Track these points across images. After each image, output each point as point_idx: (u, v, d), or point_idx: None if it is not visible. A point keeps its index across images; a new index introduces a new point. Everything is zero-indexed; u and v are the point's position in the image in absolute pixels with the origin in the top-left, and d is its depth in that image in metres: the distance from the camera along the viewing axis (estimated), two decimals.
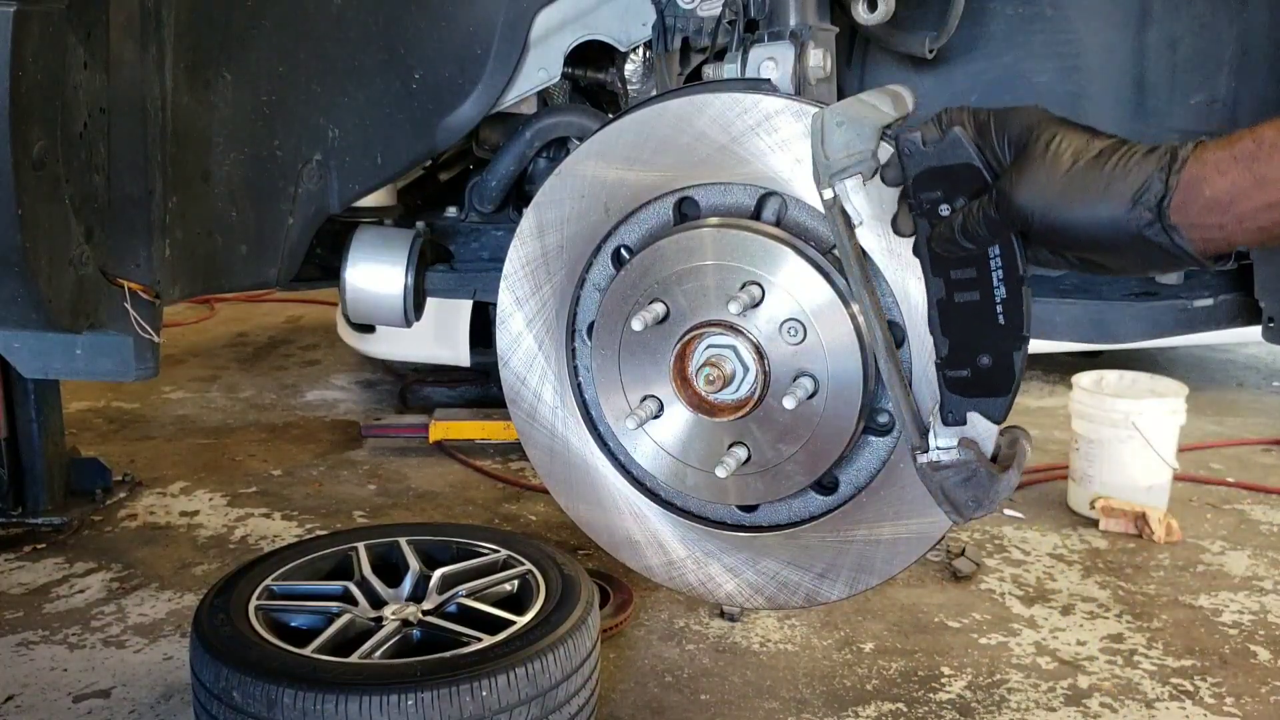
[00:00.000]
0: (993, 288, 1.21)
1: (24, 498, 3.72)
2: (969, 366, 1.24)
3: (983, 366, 1.24)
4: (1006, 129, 1.14)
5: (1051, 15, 1.73)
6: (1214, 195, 1.00)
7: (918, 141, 1.19)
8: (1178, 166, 1.01)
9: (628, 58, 1.92)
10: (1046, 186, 1.08)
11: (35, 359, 1.60)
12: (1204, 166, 1.00)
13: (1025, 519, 3.97)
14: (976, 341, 1.23)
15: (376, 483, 4.30)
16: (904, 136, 1.20)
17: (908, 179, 1.21)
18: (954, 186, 1.19)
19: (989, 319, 1.22)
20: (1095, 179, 1.05)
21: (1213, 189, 1.00)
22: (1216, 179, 1.00)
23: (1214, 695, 2.84)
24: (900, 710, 2.74)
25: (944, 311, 1.24)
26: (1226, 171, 0.99)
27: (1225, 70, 1.72)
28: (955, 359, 1.25)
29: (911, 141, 1.19)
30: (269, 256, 1.84)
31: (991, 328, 1.22)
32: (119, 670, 2.89)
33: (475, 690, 2.15)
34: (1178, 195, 1.01)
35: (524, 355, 1.58)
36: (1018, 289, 1.20)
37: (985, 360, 1.24)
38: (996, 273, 1.20)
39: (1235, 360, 6.31)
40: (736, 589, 1.54)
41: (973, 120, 1.17)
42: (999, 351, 1.23)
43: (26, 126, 1.35)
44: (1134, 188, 1.03)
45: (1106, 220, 1.05)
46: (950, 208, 1.19)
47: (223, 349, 6.42)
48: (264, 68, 1.74)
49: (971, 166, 1.17)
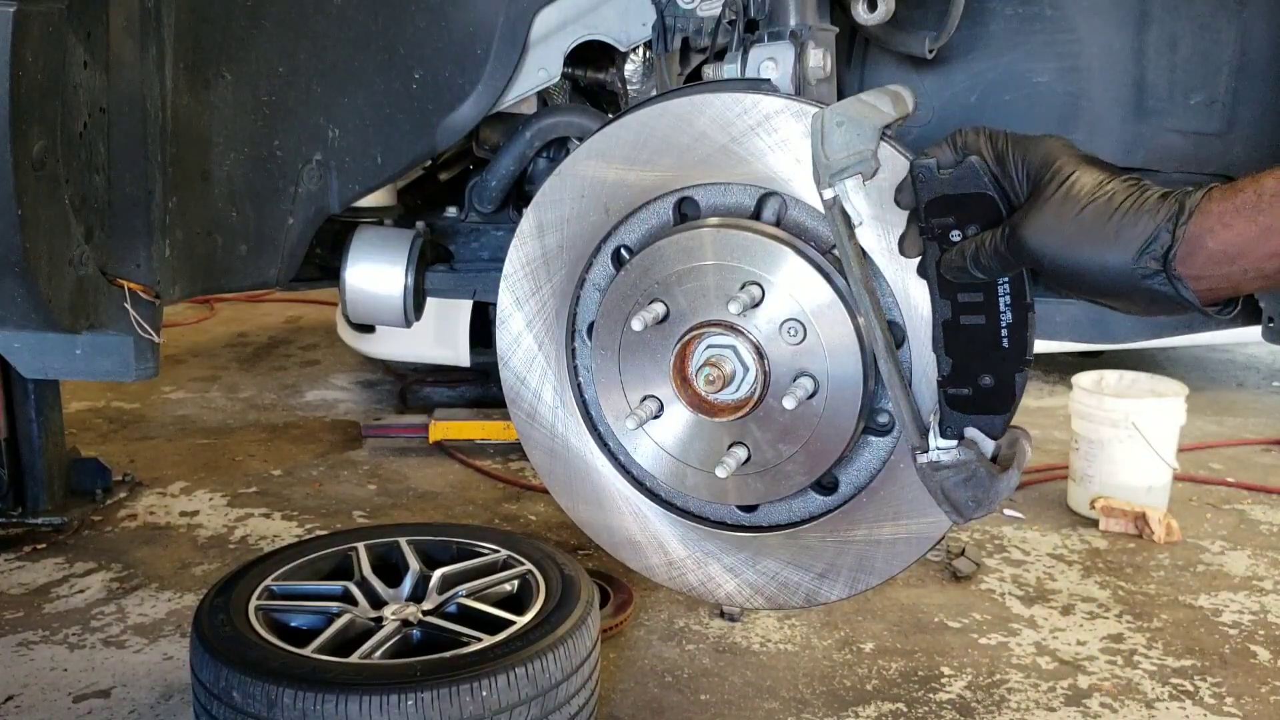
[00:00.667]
0: (999, 313, 1.22)
1: (24, 498, 3.72)
2: (970, 385, 1.25)
3: (984, 386, 1.25)
4: (1026, 161, 1.15)
5: (1051, 15, 1.73)
6: (1218, 248, 1.01)
7: (932, 168, 1.19)
8: (1184, 219, 1.02)
9: (628, 58, 1.92)
10: (1057, 230, 1.09)
11: (35, 359, 1.60)
12: (1209, 219, 1.01)
13: (1025, 519, 3.97)
14: (980, 362, 1.24)
15: (376, 483, 4.30)
16: (918, 162, 1.20)
17: (920, 204, 1.21)
18: (967, 214, 1.19)
19: (993, 343, 1.23)
20: (1105, 227, 1.06)
21: (1217, 241, 1.01)
22: (1221, 231, 1.01)
23: (1214, 695, 2.84)
24: (900, 710, 2.74)
25: (949, 332, 1.24)
26: (1231, 224, 1.01)
27: (1225, 70, 1.71)
28: (957, 378, 1.25)
29: (926, 168, 1.19)
30: (269, 256, 1.84)
31: (995, 351, 1.23)
32: (119, 670, 2.89)
33: (475, 690, 2.15)
34: (1183, 247, 1.02)
35: (524, 355, 1.58)
36: (1024, 316, 1.21)
37: (987, 380, 1.24)
38: (1004, 298, 1.21)
39: (1235, 360, 6.31)
40: (736, 589, 1.54)
41: (990, 146, 1.17)
42: (1001, 373, 1.24)
43: (26, 126, 1.35)
44: (1141, 239, 1.04)
45: (1114, 268, 1.06)
46: (962, 234, 1.19)
47: (223, 349, 6.43)
48: (264, 68, 1.74)
49: (986, 196, 1.18)
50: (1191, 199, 1.03)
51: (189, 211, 1.68)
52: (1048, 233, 1.10)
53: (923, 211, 1.21)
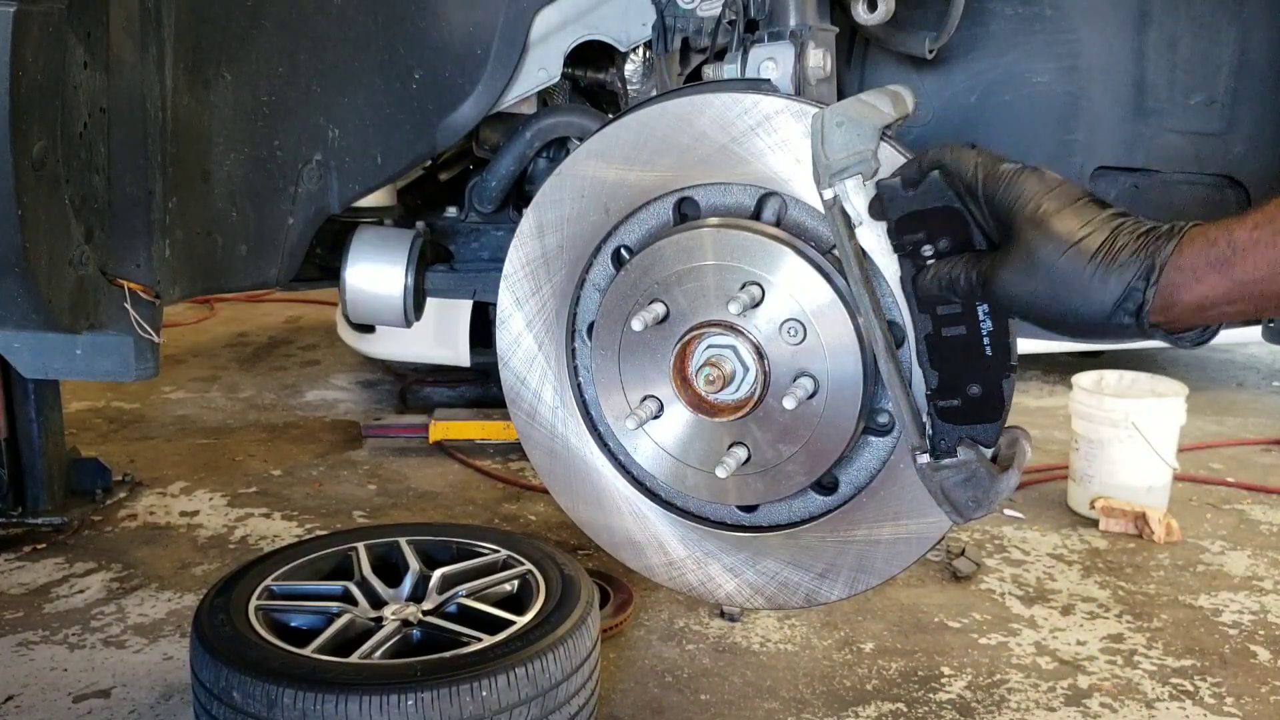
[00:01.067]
0: (979, 322, 1.22)
1: (24, 498, 3.72)
2: (959, 396, 1.25)
3: (973, 396, 1.25)
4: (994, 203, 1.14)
5: (1051, 15, 1.73)
6: (1191, 300, 1.03)
7: (897, 186, 1.20)
8: (1155, 277, 1.03)
9: (628, 58, 1.92)
10: (1029, 284, 1.09)
11: (35, 359, 1.60)
12: (1182, 274, 1.02)
13: (1025, 519, 3.97)
14: (966, 373, 1.25)
15: (376, 483, 4.30)
16: (883, 182, 1.21)
17: (890, 221, 1.22)
18: (937, 229, 1.20)
19: (977, 352, 1.23)
20: (1078, 282, 1.06)
21: (1190, 294, 1.03)
22: (1194, 285, 1.02)
23: (1214, 695, 2.84)
24: (900, 710, 2.74)
25: (933, 346, 1.25)
26: (1204, 279, 1.02)
27: (1225, 70, 1.72)
28: (945, 390, 1.26)
29: (891, 187, 1.21)
30: (269, 256, 1.84)
31: (980, 359, 1.24)
32: (119, 670, 2.89)
33: (475, 690, 2.15)
34: (1157, 301, 1.03)
35: (524, 355, 1.58)
36: (1005, 323, 1.22)
37: (975, 390, 1.25)
38: (982, 308, 1.21)
39: (1235, 360, 6.31)
40: (736, 589, 1.54)
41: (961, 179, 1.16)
42: (988, 381, 1.24)
43: (26, 126, 1.35)
44: (1114, 296, 1.05)
45: (1087, 320, 1.07)
46: (934, 248, 1.20)
47: (223, 349, 6.43)
48: (264, 68, 1.74)
49: (953, 210, 1.19)
50: (1163, 253, 1.03)
51: (189, 211, 1.68)
52: (1019, 286, 1.10)
53: (893, 228, 1.22)
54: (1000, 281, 1.12)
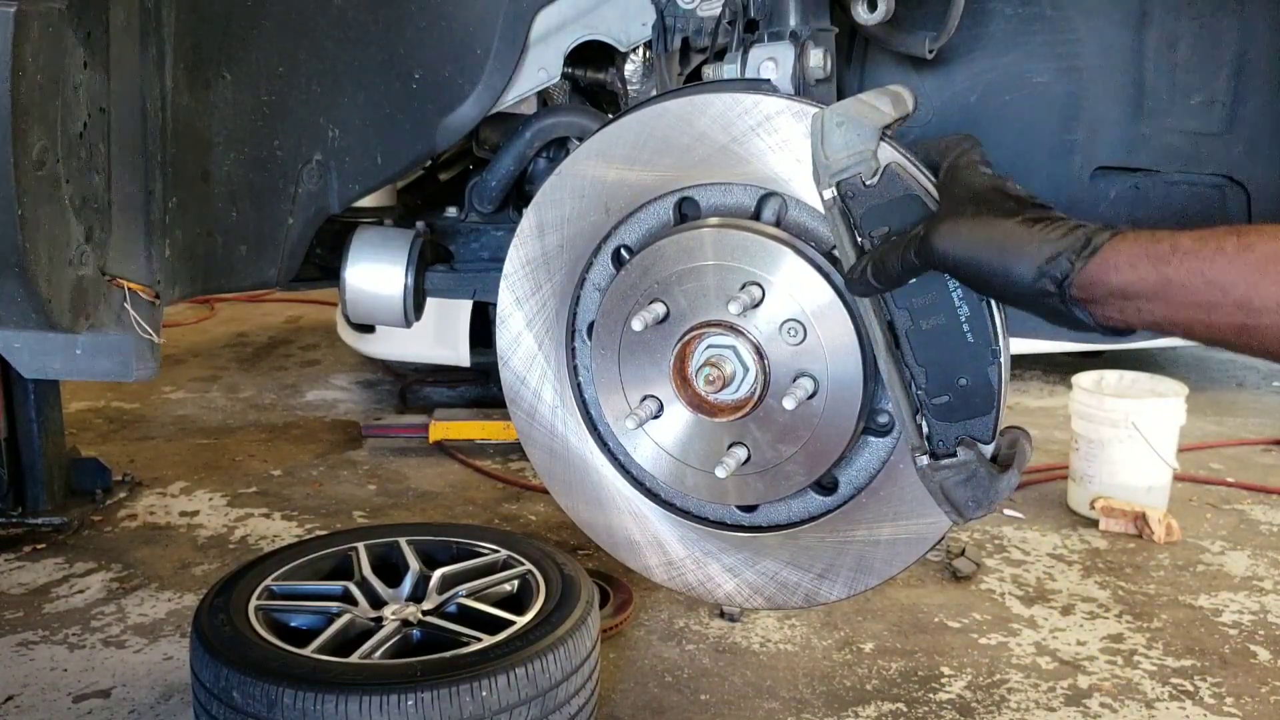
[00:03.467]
0: (955, 308, 1.22)
1: (24, 498, 3.72)
2: (950, 390, 1.25)
3: (963, 387, 1.25)
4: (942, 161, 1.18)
5: (1051, 15, 1.73)
6: (1119, 285, 1.03)
7: (858, 181, 1.21)
8: (1086, 252, 1.04)
9: (628, 58, 1.92)
10: (969, 236, 1.11)
11: (35, 359, 1.60)
12: (1117, 255, 1.03)
13: (1025, 519, 3.97)
14: (951, 364, 1.24)
15: (376, 483, 4.30)
16: (844, 180, 1.22)
17: (855, 219, 1.23)
18: (900, 219, 1.20)
19: (958, 338, 1.23)
20: (1012, 238, 1.08)
21: (1120, 279, 1.03)
22: (1126, 270, 1.03)
23: (1214, 695, 2.84)
24: (900, 710, 2.74)
25: (914, 340, 1.24)
26: (1136, 266, 1.02)
27: (1225, 70, 1.72)
28: (935, 386, 1.25)
29: (852, 184, 1.21)
30: (269, 256, 1.84)
31: (962, 346, 1.23)
32: (119, 670, 2.89)
33: (475, 690, 2.15)
34: (1081, 276, 1.04)
35: (524, 355, 1.58)
36: (978, 304, 1.21)
37: (964, 381, 1.24)
38: (955, 293, 1.21)
39: (1235, 360, 6.31)
40: (736, 589, 1.54)
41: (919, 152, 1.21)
42: (974, 369, 1.24)
43: (26, 126, 1.34)
44: (1043, 258, 1.06)
45: (1016, 280, 1.08)
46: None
47: (223, 349, 6.43)
48: (264, 68, 1.74)
49: (913, 197, 1.19)
50: (1100, 236, 1.04)
51: (189, 211, 1.68)
52: (958, 237, 1.11)
53: (860, 225, 1.22)
54: (939, 233, 1.12)
